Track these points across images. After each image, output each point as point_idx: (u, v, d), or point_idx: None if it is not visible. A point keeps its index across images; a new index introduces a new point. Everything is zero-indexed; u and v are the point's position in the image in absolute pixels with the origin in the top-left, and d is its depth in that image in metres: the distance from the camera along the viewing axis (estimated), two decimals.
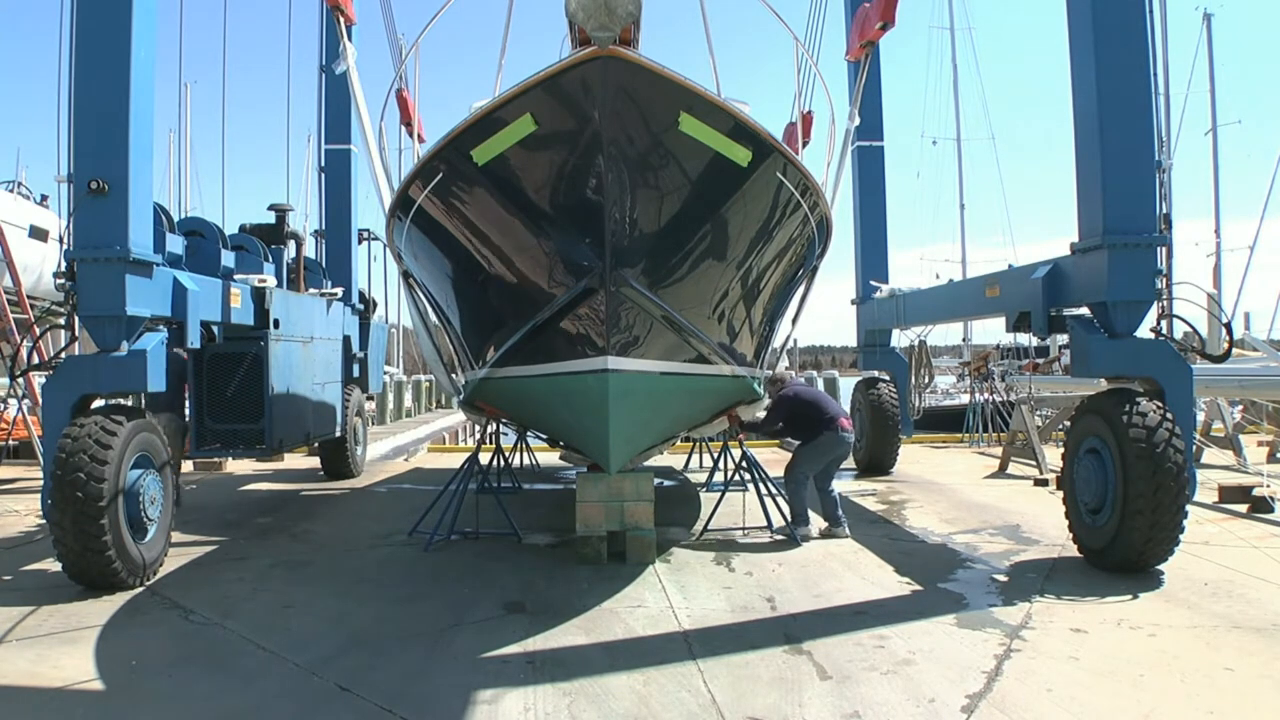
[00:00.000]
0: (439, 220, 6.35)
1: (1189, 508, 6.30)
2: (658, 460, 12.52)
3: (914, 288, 12.32)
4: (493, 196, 5.81)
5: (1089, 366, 6.88)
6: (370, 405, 19.79)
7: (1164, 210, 6.80)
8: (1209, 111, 27.69)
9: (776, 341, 8.51)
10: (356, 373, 12.27)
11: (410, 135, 9.88)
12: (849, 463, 10.27)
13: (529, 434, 10.75)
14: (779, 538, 7.77)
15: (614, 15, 4.65)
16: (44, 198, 15.07)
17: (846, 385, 16.42)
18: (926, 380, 13.88)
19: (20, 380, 10.70)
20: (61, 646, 5.10)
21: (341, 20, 9.18)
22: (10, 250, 11.89)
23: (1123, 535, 6.24)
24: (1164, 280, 6.84)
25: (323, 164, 12.46)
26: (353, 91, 8.96)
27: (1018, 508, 9.31)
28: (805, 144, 9.73)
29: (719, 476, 9.76)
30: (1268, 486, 9.08)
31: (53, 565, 6.38)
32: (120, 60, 6.26)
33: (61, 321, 8.59)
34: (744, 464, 8.28)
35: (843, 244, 24.40)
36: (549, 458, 13.26)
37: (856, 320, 13.45)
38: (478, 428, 10.71)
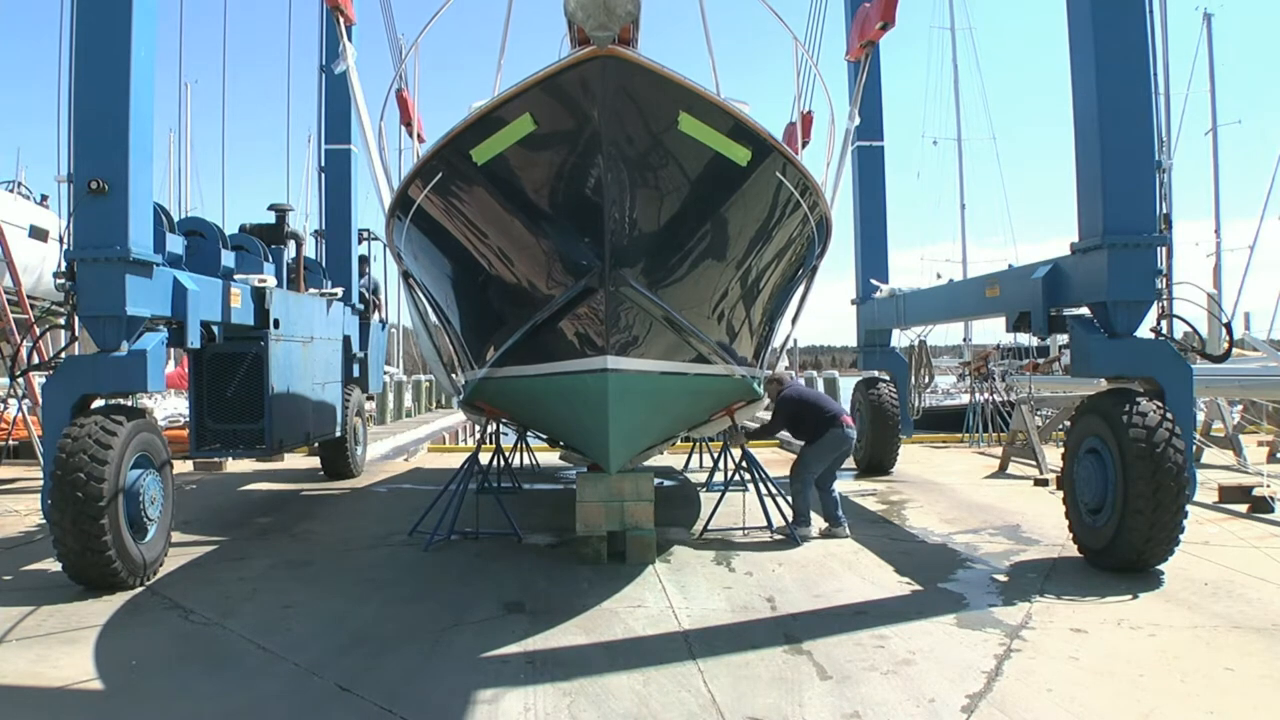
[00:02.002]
0: (439, 220, 6.35)
1: (1189, 508, 6.29)
2: (658, 460, 12.51)
3: (914, 288, 12.31)
4: (492, 196, 5.81)
5: (1089, 366, 6.88)
6: (370, 405, 19.82)
7: (1164, 210, 6.80)
8: (1209, 111, 27.81)
9: (776, 341, 8.51)
10: (356, 373, 12.27)
11: (410, 135, 9.86)
12: (849, 463, 10.26)
13: (529, 434, 10.75)
14: (779, 538, 7.77)
15: (613, 15, 4.65)
16: (44, 198, 15.12)
17: (846, 385, 16.42)
18: (926, 380, 13.86)
19: (20, 380, 10.69)
20: (61, 646, 5.09)
21: (341, 20, 9.17)
22: (10, 250, 11.90)
23: (1123, 535, 6.24)
24: (1164, 280, 6.84)
25: (323, 164, 12.45)
26: (353, 91, 8.95)
27: (1018, 508, 9.31)
28: (805, 144, 9.73)
29: (719, 476, 9.76)
30: (1268, 486, 9.07)
31: (53, 565, 6.38)
32: (120, 60, 6.25)
33: (61, 321, 8.59)
34: (744, 464, 8.28)
35: (843, 244, 24.42)
36: (549, 458, 13.26)
37: (856, 320, 13.45)
38: (478, 428, 10.71)
